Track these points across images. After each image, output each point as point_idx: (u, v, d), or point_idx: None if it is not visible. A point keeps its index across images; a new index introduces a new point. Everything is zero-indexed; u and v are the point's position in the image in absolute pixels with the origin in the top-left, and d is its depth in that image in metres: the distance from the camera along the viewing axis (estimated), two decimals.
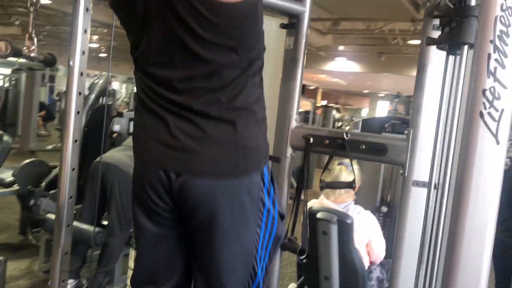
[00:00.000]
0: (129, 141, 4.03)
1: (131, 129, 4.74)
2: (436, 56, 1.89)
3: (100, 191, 3.35)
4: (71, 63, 1.64)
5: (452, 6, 1.55)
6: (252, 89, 1.17)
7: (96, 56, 18.28)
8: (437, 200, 1.69)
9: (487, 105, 1.26)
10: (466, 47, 1.51)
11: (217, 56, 1.12)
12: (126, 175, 3.35)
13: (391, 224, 3.71)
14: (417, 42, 12.10)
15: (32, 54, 1.61)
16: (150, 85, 1.21)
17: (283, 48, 2.19)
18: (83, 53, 1.65)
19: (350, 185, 2.07)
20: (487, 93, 1.25)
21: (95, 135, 3.71)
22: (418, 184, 1.89)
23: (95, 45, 15.93)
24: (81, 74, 1.66)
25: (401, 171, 1.98)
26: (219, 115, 1.15)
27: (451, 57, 1.68)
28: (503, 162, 1.26)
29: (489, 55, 1.25)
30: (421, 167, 1.91)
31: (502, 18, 1.24)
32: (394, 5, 7.40)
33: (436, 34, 1.88)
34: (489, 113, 1.26)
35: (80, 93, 1.65)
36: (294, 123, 2.16)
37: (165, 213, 1.25)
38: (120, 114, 4.34)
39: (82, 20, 1.64)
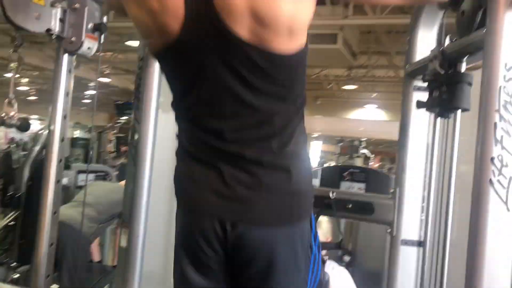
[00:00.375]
0: (80, 196, 3.81)
1: (80, 183, 4.48)
2: (418, 116, 1.94)
3: None
4: (51, 127, 1.51)
5: (442, 72, 1.60)
6: (300, 134, 1.16)
7: (24, 99, 17.48)
8: (431, 258, 1.70)
9: (496, 172, 1.28)
10: (459, 111, 1.56)
11: (268, 105, 1.10)
12: (79, 234, 3.14)
13: (354, 274, 3.70)
14: (351, 87, 12.65)
15: (13, 122, 1.47)
16: (199, 135, 1.15)
17: None
18: (65, 117, 1.53)
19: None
20: (496, 161, 1.28)
21: (40, 190, 3.45)
22: (407, 243, 1.89)
23: (25, 88, 15.26)
24: (62, 139, 1.53)
25: (388, 230, 1.98)
26: (272, 162, 1.11)
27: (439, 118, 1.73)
28: None
29: (495, 124, 1.28)
30: (409, 225, 1.93)
31: (505, 88, 1.29)
32: (332, 53, 7.69)
33: (418, 95, 1.94)
34: (498, 181, 1.28)
35: (60, 161, 1.51)
36: None
37: (216, 265, 1.17)
38: (67, 167, 4.10)
39: (64, 82, 1.53)
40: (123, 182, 3.09)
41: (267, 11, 0.98)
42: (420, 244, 1.79)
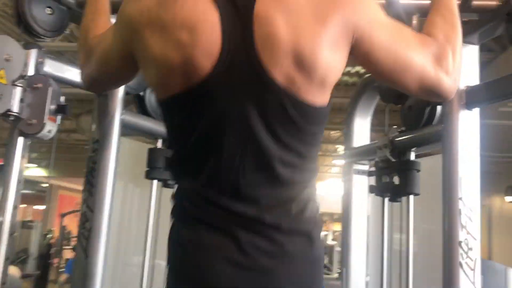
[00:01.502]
0: None
1: None
2: (359, 200, 2.06)
3: None
4: (1, 218, 1.30)
5: (393, 160, 1.74)
6: (315, 198, 1.09)
7: None
8: None
9: (464, 255, 1.41)
10: (411, 196, 1.70)
11: (292, 162, 1.00)
12: None
13: None
14: None
15: None
16: (210, 196, 0.99)
17: None
18: (15, 207, 1.33)
19: None
20: (463, 244, 1.41)
21: None
22: None
23: None
24: (12, 234, 1.31)
25: None
26: (292, 227, 1.00)
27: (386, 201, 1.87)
28: None
29: (460, 210, 1.43)
30: None
31: (465, 178, 1.46)
32: None
33: (358, 178, 2.07)
34: (466, 263, 1.41)
35: (7, 259, 1.28)
36: None
37: None
38: None
39: (18, 168, 1.33)
40: None
41: (309, 53, 0.91)
42: None
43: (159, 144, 1.84)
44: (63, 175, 13.10)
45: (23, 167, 1.38)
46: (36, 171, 12.54)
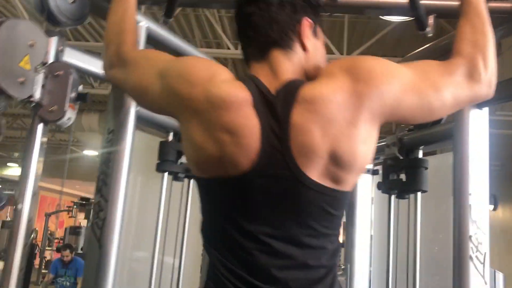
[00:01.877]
0: None
1: None
2: (363, 197, 2.10)
3: None
4: (19, 206, 1.29)
5: (401, 157, 1.78)
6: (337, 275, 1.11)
7: None
8: None
9: (474, 249, 1.45)
10: (419, 193, 1.74)
11: (320, 246, 1.02)
12: None
13: None
14: None
15: None
16: (241, 274, 1.02)
17: None
18: (35, 194, 1.33)
19: None
20: (473, 239, 1.45)
21: None
22: None
23: None
24: (30, 220, 1.31)
25: None
26: None
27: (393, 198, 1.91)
28: None
29: (470, 206, 1.47)
30: None
31: (475, 174, 1.50)
32: None
33: (363, 176, 2.11)
34: (476, 257, 1.45)
35: (26, 245, 1.28)
36: None
37: None
38: None
39: (37, 155, 1.33)
40: None
41: (347, 153, 0.97)
42: None
43: (170, 137, 1.86)
44: (44, 175, 12.94)
45: (42, 153, 1.38)
46: (17, 171, 12.34)
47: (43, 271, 8.35)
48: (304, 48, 1.07)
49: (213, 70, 1.02)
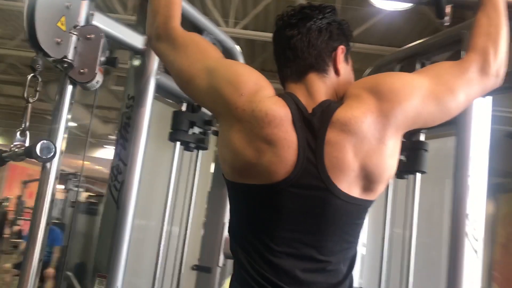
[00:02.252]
0: None
1: None
2: None
3: None
4: (47, 165, 1.32)
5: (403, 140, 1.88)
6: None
7: None
8: None
9: (470, 226, 1.57)
10: (419, 173, 1.85)
11: (341, 252, 1.12)
12: None
13: None
14: None
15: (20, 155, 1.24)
16: (269, 275, 1.09)
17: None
18: (61, 153, 1.36)
19: None
20: (470, 216, 1.57)
21: None
22: None
23: None
24: (57, 177, 1.35)
25: None
26: None
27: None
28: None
29: (468, 186, 1.59)
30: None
31: (473, 158, 1.62)
32: None
33: None
34: (472, 234, 1.57)
35: (52, 201, 1.31)
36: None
37: None
38: None
39: (65, 115, 1.35)
40: None
41: (376, 167, 1.06)
42: None
43: (184, 107, 1.91)
44: None
45: (70, 113, 1.42)
46: None
47: (15, 240, 8.26)
48: (337, 72, 1.17)
49: (260, 84, 1.10)
